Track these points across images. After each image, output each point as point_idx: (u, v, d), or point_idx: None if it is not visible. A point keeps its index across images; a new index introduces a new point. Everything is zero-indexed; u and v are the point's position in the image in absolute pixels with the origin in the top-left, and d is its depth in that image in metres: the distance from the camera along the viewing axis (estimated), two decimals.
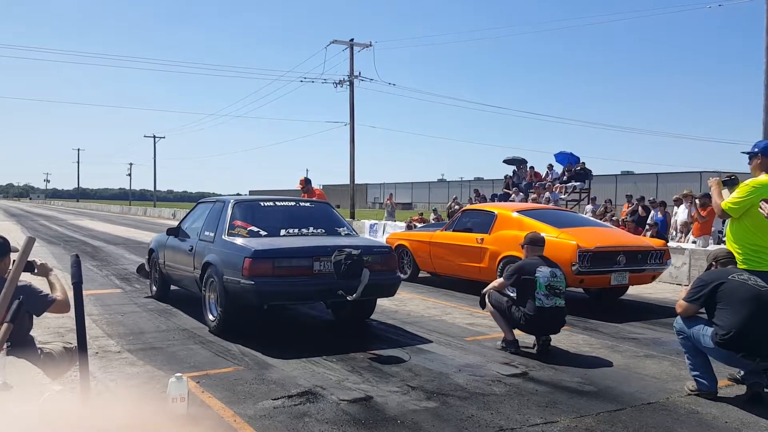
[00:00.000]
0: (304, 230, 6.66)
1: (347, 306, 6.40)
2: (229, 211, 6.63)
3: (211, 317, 6.29)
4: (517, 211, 9.13)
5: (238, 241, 6.19)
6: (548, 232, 7.82)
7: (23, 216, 39.74)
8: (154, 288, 8.32)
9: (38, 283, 3.57)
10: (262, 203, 7.19)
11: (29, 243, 2.26)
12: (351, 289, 5.80)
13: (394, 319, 7.09)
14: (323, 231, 6.75)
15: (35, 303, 3.41)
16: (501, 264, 8.45)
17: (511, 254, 8.18)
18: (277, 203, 7.30)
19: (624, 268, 8.02)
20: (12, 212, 46.62)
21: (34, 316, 3.55)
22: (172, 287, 7.98)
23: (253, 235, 6.36)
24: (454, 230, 9.78)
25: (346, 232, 6.91)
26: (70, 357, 3.61)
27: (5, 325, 1.90)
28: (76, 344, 3.52)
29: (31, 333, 3.57)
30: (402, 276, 7.80)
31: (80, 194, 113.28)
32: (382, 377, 4.74)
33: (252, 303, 5.91)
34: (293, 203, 7.52)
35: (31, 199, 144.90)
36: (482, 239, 8.98)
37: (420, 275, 10.65)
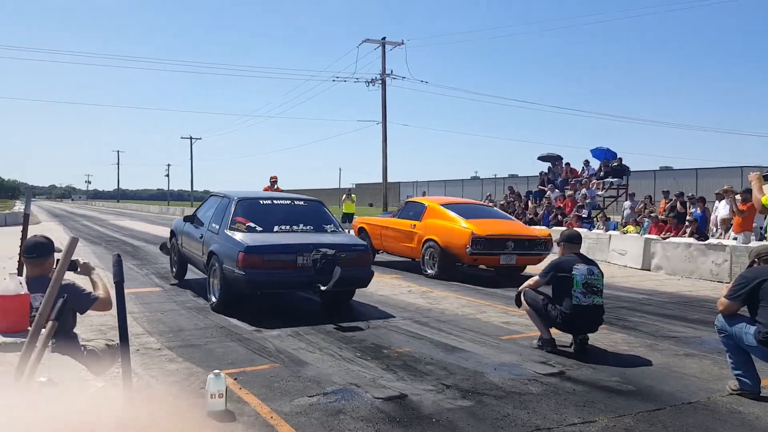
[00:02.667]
0: (295, 227, 7.54)
1: (328, 293, 7.09)
2: (233, 208, 7.59)
3: (213, 298, 7.30)
4: (442, 204, 11.42)
5: (237, 236, 7.08)
6: (456, 222, 10.47)
7: (65, 216, 40.77)
8: (174, 269, 9.64)
9: (81, 281, 3.66)
10: (261, 201, 8.14)
11: (73, 243, 2.32)
12: (326, 282, 6.77)
13: (428, 318, 7.08)
14: (312, 228, 7.61)
15: (79, 301, 3.50)
16: (424, 245, 10.88)
17: (432, 237, 10.72)
18: (275, 201, 8.32)
19: (512, 252, 10.33)
20: (55, 213, 47.87)
21: (78, 314, 3.65)
22: (196, 290, 8.12)
23: (250, 230, 7.27)
24: (398, 218, 11.98)
25: (332, 229, 7.80)
26: (112, 354, 3.69)
27: (50, 323, 1.96)
28: (117, 341, 3.61)
29: (75, 330, 3.66)
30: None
31: (120, 195, 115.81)
32: (417, 375, 4.74)
33: (244, 290, 6.86)
34: (288, 201, 8.44)
35: (73, 200, 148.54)
36: (414, 225, 11.27)
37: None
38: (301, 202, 8.50)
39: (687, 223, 13.27)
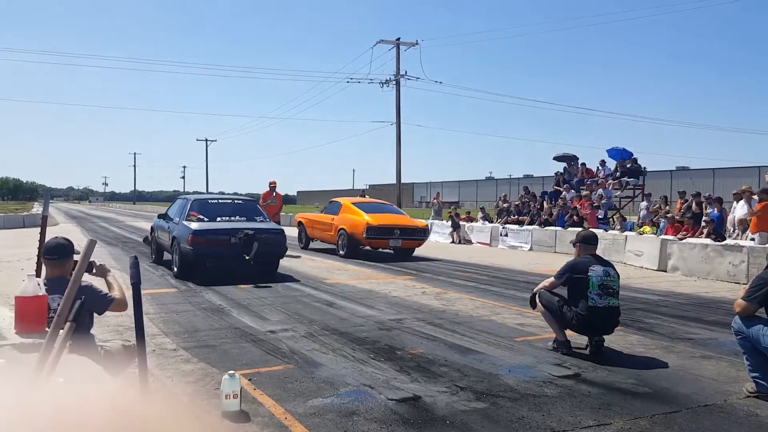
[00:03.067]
0: (232, 218, 10.79)
1: (252, 261, 10.03)
2: (189, 206, 10.82)
3: (175, 269, 10.38)
4: (353, 203, 15.35)
5: (190, 224, 10.17)
6: (360, 215, 14.19)
7: (83, 218, 41.18)
8: (153, 255, 12.67)
9: (97, 283, 3.71)
10: (210, 201, 11.65)
11: (91, 245, 2.35)
12: (249, 254, 9.89)
13: (442, 319, 7.08)
14: (244, 218, 10.87)
15: (97, 302, 3.54)
16: (338, 233, 14.52)
17: (343, 227, 14.38)
18: (220, 201, 11.96)
19: (399, 237, 14.16)
20: (73, 214, 48.38)
21: (95, 315, 3.69)
22: (211, 291, 8.24)
23: (199, 220, 10.38)
24: (324, 213, 15.94)
25: (260, 219, 11.08)
26: (128, 354, 3.73)
27: (68, 324, 1.98)
28: (134, 342, 3.64)
29: (91, 331, 3.70)
30: (300, 245, 16.07)
31: (136, 197, 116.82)
32: (431, 377, 4.74)
33: (192, 261, 9.98)
34: (230, 200, 12.19)
35: (90, 201, 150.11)
36: (333, 218, 14.96)
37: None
38: (240, 201, 12.32)
39: (704, 223, 13.14)
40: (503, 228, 19.32)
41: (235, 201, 12.18)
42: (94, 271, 3.66)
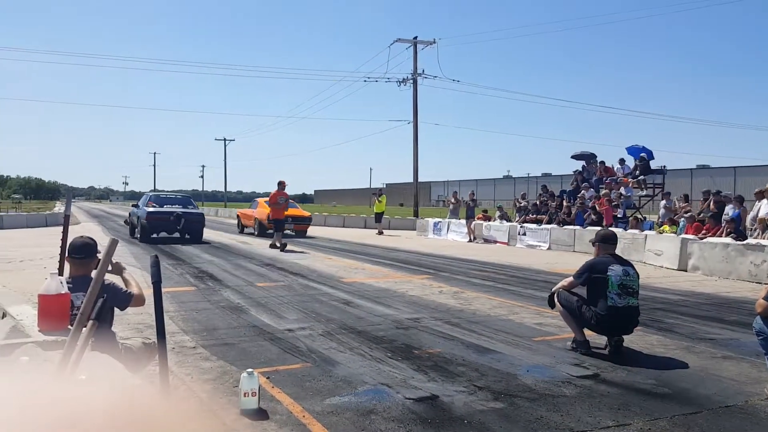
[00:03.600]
0: (174, 206, 18.25)
1: (183, 231, 17.84)
2: (148, 198, 18.86)
3: (138, 236, 18.19)
4: (264, 201, 19.87)
5: (147, 209, 17.68)
6: (266, 208, 18.46)
7: (104, 217, 41.67)
8: (130, 232, 20.04)
9: (115, 280, 3.76)
10: (160, 195, 19.66)
11: (113, 244, 2.38)
12: (179, 227, 17.60)
13: (460, 318, 7.06)
14: (180, 206, 18.27)
15: (119, 299, 3.61)
16: (255, 220, 21.48)
17: (256, 216, 21.31)
18: (168, 196, 19.91)
19: (291, 223, 19.96)
20: (94, 213, 48.95)
21: (114, 313, 3.74)
22: (229, 290, 8.29)
23: (153, 207, 17.80)
24: (250, 208, 23.49)
25: (192, 208, 18.71)
26: (148, 352, 3.77)
27: (91, 322, 2.01)
28: (154, 340, 3.68)
29: (112, 329, 3.75)
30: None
31: None
32: (448, 377, 4.73)
33: (148, 230, 17.45)
34: (174, 195, 20.16)
35: (111, 201, 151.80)
36: (253, 212, 22.08)
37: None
38: (180, 196, 20.32)
39: (725, 223, 12.97)
40: (521, 227, 19.24)
41: (177, 196, 20.66)
42: (110, 268, 3.71)
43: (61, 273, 3.72)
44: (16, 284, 8.02)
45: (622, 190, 18.52)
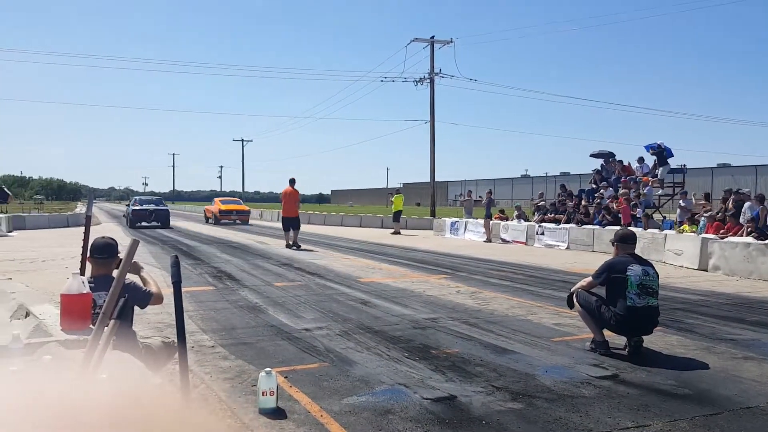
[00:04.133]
0: (151, 204, 29.85)
1: (157, 222, 29.31)
2: (135, 199, 31.71)
3: (128, 225, 28.83)
4: (218, 199, 36.17)
5: (132, 207, 29.75)
6: (219, 205, 33.64)
7: (124, 218, 42.04)
8: (125, 222, 30.52)
9: (134, 279, 3.82)
10: (143, 198, 33.13)
11: (134, 245, 2.42)
12: (155, 218, 28.97)
13: (477, 318, 7.04)
14: (154, 205, 29.89)
15: (139, 297, 3.68)
16: (212, 213, 33.80)
17: (212, 211, 33.83)
18: (145, 198, 33.23)
19: (236, 217, 32.49)
20: (114, 214, 49.46)
21: (134, 313, 3.79)
22: (247, 289, 8.34)
23: (136, 206, 29.50)
24: (210, 204, 35.50)
25: (162, 205, 30.21)
26: (168, 351, 3.82)
27: (112, 321, 2.04)
28: (173, 339, 3.72)
29: (133, 328, 3.80)
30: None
31: (175, 196, 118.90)
32: (466, 377, 4.72)
33: (133, 221, 28.35)
34: (151, 197, 36.39)
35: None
36: (211, 207, 34.67)
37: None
38: (155, 197, 35.15)
39: (747, 223, 12.80)
40: (539, 226, 19.13)
41: (153, 198, 33.27)
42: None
43: (82, 273, 3.77)
44: (39, 284, 8.14)
45: (645, 189, 18.29)
